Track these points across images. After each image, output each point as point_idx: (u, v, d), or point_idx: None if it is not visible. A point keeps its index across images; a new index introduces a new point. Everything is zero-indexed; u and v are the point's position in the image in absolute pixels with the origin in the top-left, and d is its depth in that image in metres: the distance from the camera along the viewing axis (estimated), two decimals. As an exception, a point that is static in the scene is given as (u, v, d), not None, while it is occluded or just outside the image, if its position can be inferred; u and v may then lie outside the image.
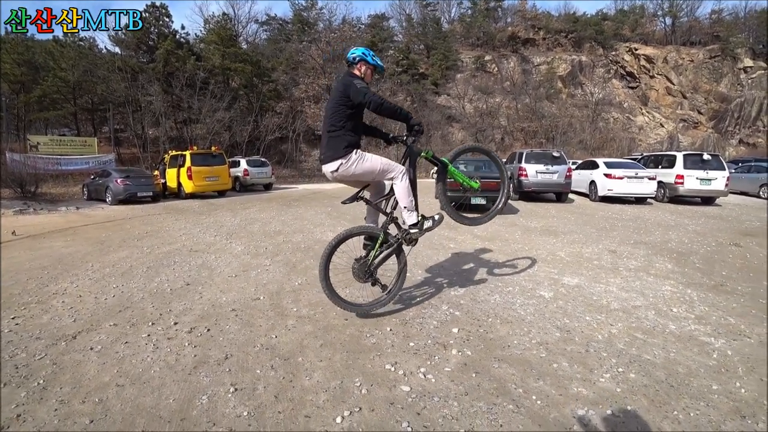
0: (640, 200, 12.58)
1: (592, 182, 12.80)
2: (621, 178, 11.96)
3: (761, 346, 3.05)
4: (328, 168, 3.16)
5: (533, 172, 11.87)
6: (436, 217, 3.33)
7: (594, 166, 13.17)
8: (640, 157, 16.26)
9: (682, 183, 12.03)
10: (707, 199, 12.48)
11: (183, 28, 28.82)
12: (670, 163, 12.70)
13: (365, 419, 2.13)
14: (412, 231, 3.27)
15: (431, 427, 2.07)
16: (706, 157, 12.34)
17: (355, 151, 3.10)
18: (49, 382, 2.45)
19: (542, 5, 73.51)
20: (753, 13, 44.14)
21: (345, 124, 3.08)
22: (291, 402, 2.26)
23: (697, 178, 11.94)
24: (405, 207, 3.22)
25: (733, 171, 16.61)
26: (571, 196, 13.40)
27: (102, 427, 2.03)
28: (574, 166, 14.45)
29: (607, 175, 12.19)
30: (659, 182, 12.42)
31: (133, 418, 2.11)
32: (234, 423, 2.08)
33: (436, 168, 3.58)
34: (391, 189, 3.31)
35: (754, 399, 2.39)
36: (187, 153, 14.71)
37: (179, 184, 14.81)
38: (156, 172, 16.51)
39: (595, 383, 2.49)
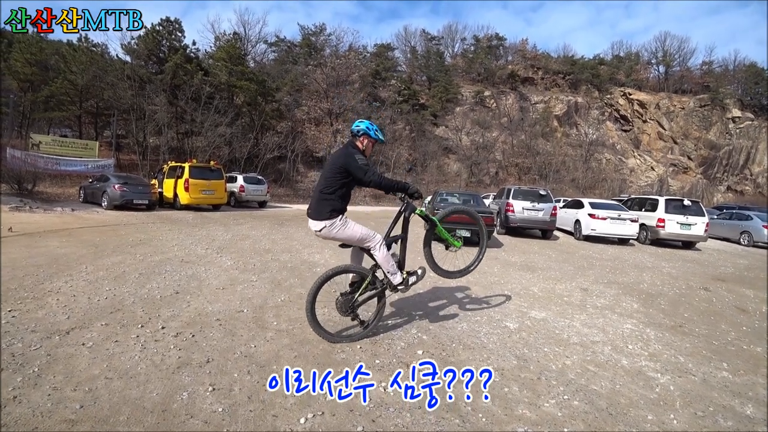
0: (623, 241, 12.93)
1: (577, 221, 13.15)
2: (604, 218, 12.35)
3: (703, 383, 3.31)
4: (313, 226, 3.44)
5: (519, 209, 12.21)
6: (419, 272, 3.68)
7: (579, 205, 13.58)
8: (626, 198, 16.75)
9: (663, 226, 12.43)
10: (687, 243, 12.87)
11: (194, 43, 29.50)
12: (653, 206, 13.15)
13: (326, 422, 2.37)
14: (399, 288, 3.58)
15: (383, 433, 2.32)
16: (686, 202, 12.83)
17: (339, 217, 3.37)
18: (43, 371, 2.67)
19: (542, 46, 76.31)
20: (742, 67, 46.20)
21: (337, 190, 3.35)
22: (262, 403, 2.51)
23: (677, 223, 12.36)
24: (388, 272, 3.50)
25: (715, 217, 17.13)
26: (557, 233, 13.71)
27: (91, 413, 2.26)
28: (561, 205, 14.87)
29: (591, 215, 12.56)
30: (642, 224, 12.84)
31: (119, 406, 2.34)
32: (209, 417, 2.32)
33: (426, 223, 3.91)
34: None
35: (683, 429, 2.64)
36: (186, 165, 15.02)
37: (175, 195, 15.07)
38: (154, 181, 16.75)
39: (540, 407, 2.73)
